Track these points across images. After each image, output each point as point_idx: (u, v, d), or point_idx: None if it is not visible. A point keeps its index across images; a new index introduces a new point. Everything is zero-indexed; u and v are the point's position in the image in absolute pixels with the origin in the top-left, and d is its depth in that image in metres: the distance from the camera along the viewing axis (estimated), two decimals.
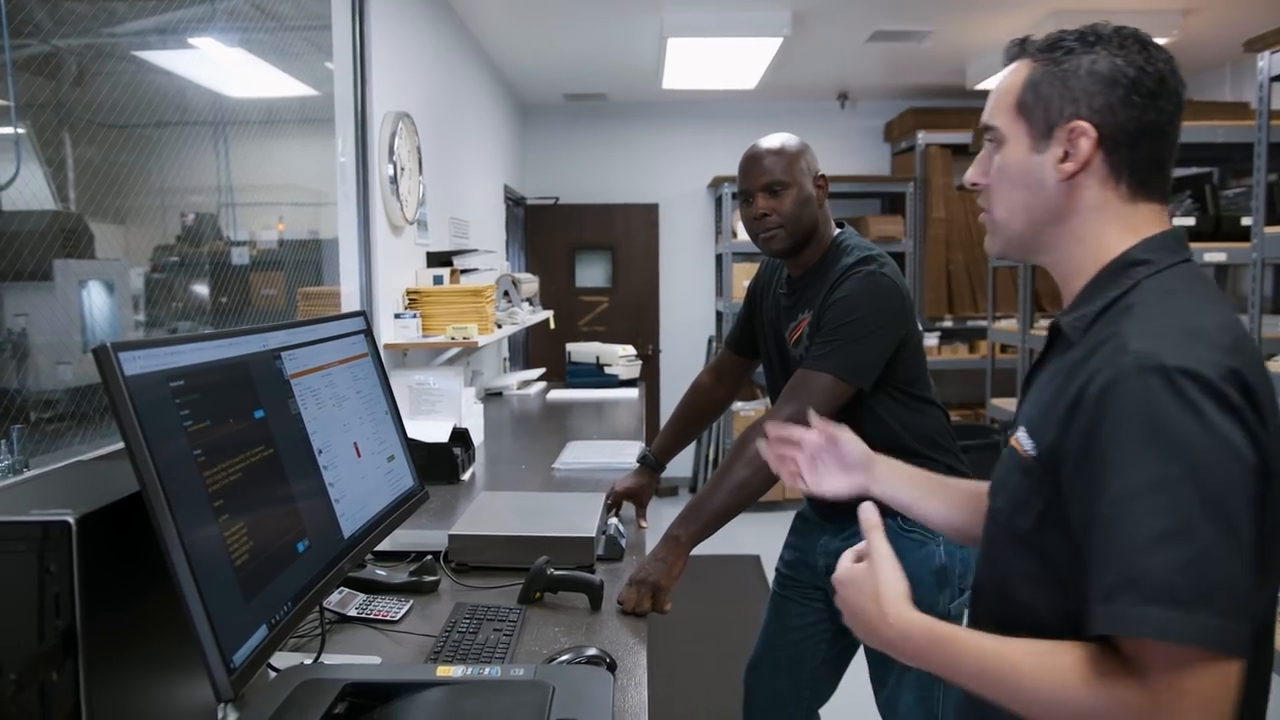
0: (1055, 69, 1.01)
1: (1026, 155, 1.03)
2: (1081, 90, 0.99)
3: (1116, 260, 1.01)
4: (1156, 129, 0.99)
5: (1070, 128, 1.00)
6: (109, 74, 2.29)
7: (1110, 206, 1.01)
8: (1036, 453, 0.96)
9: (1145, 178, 1.01)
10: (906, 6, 4.29)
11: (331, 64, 2.90)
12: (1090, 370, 0.90)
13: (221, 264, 2.86)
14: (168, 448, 0.94)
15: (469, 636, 1.48)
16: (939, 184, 6.03)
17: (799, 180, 1.95)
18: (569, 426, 3.62)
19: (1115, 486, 0.84)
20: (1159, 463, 0.82)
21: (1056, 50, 1.02)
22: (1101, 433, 0.86)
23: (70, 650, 0.86)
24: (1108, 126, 0.99)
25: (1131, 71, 0.98)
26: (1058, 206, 1.02)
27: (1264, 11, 4.18)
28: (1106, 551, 0.84)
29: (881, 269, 1.90)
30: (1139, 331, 0.89)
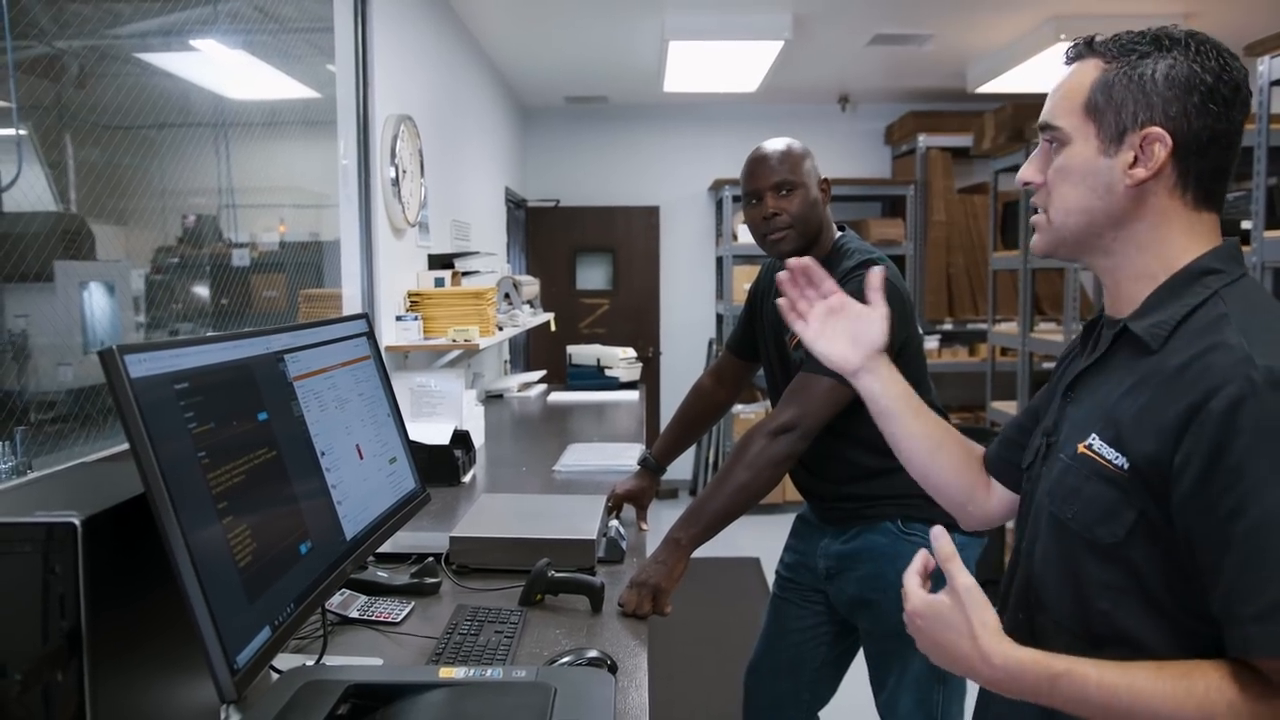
0: (1129, 71, 0.99)
1: (1094, 158, 1.02)
2: (1158, 95, 0.98)
3: (1189, 267, 1.00)
4: (1227, 138, 0.99)
5: (1145, 134, 0.98)
6: (111, 76, 2.30)
7: (1175, 214, 1.00)
8: (1128, 464, 0.94)
9: (1210, 186, 1.01)
10: (907, 10, 4.29)
11: (333, 66, 2.91)
12: (1206, 382, 0.89)
13: (222, 266, 2.86)
14: (172, 450, 0.94)
15: (470, 638, 1.48)
16: (939, 187, 6.04)
17: (806, 181, 1.97)
18: (569, 429, 3.62)
19: (1260, 505, 0.84)
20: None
21: (1131, 53, 1.00)
22: (1234, 449, 0.86)
23: (75, 651, 0.87)
24: (1182, 134, 0.97)
25: (1209, 78, 0.97)
26: (1121, 211, 1.01)
27: (1264, 15, 4.18)
28: (1255, 572, 0.84)
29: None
30: (1257, 344, 0.89)
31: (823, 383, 1.84)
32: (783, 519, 3.43)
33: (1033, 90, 4.87)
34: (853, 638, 2.14)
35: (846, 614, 2.06)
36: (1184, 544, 0.90)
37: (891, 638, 1.95)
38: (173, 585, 0.92)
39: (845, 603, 2.03)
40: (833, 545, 2.02)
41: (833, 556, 2.02)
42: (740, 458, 1.85)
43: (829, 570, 2.04)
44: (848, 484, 1.98)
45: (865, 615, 2.00)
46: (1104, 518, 0.96)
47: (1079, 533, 1.00)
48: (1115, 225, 1.02)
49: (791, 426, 1.84)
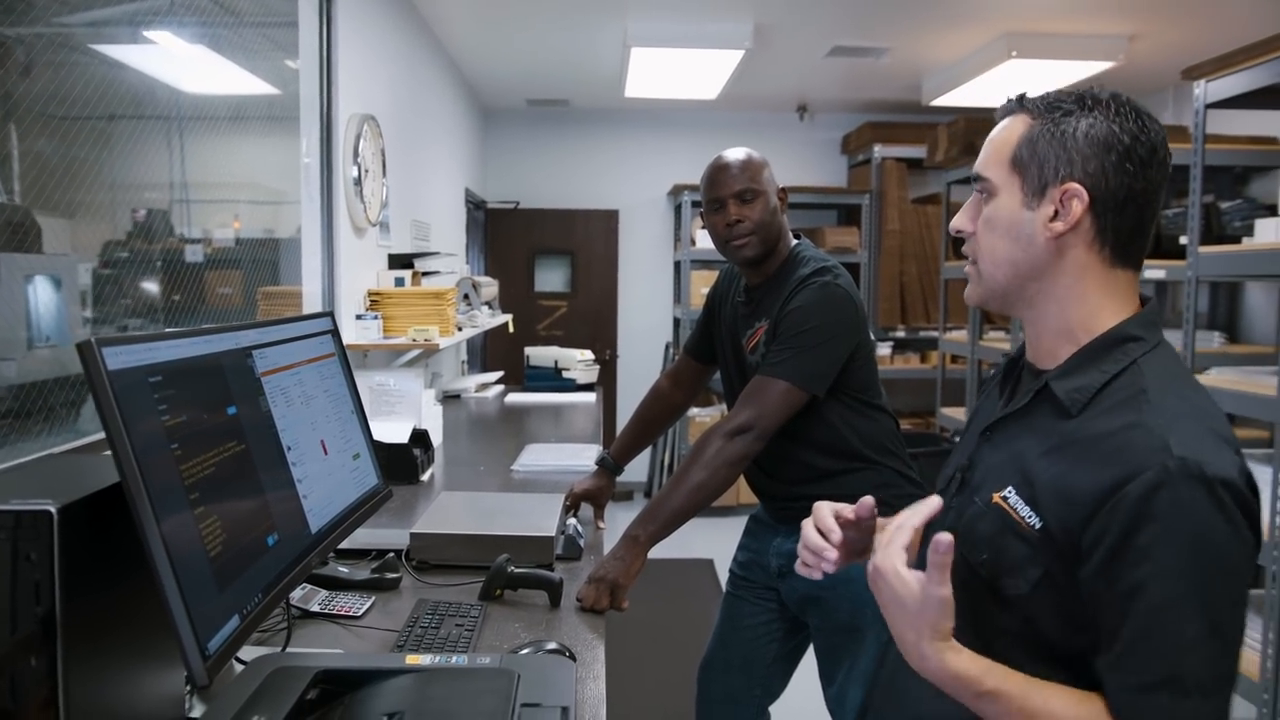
0: (1053, 129, 1.04)
1: (1018, 210, 1.06)
2: (1077, 152, 1.02)
3: (1110, 333, 1.04)
4: (1144, 197, 1.03)
5: (1064, 189, 1.02)
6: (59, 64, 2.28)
7: (1092, 270, 1.04)
8: (1040, 525, 0.99)
9: (1126, 244, 1.04)
10: (866, 23, 4.39)
11: (292, 62, 2.90)
12: (1124, 465, 0.93)
13: (175, 261, 2.84)
14: (146, 441, 0.96)
15: (431, 631, 1.51)
16: (894, 197, 6.16)
17: (767, 189, 2.02)
18: (527, 429, 3.65)
19: (1158, 591, 0.91)
20: (1200, 573, 0.90)
21: (1055, 110, 1.04)
22: (1145, 532, 0.91)
23: (49, 637, 0.89)
24: (1099, 190, 1.02)
25: (1126, 139, 1.01)
26: (1042, 264, 1.05)
27: (1206, 37, 4.34)
28: (1146, 648, 0.92)
29: (836, 279, 1.97)
30: (1175, 431, 0.94)
31: (778, 385, 1.89)
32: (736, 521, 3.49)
33: (985, 104, 5.00)
34: (803, 635, 2.20)
35: (797, 611, 2.12)
36: (1088, 606, 0.97)
37: (840, 632, 2.01)
38: (143, 574, 0.94)
39: (796, 600, 2.09)
40: (785, 544, 2.08)
41: (785, 555, 2.08)
42: (697, 458, 1.90)
43: (781, 568, 2.10)
44: (801, 485, 2.03)
45: (815, 611, 2.06)
46: (1012, 570, 1.01)
47: (986, 580, 1.04)
48: (1037, 277, 1.06)
49: (748, 428, 1.89)
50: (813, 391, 1.91)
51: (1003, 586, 1.02)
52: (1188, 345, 2.92)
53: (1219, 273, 2.98)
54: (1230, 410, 3.11)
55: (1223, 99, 2.81)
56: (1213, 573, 0.91)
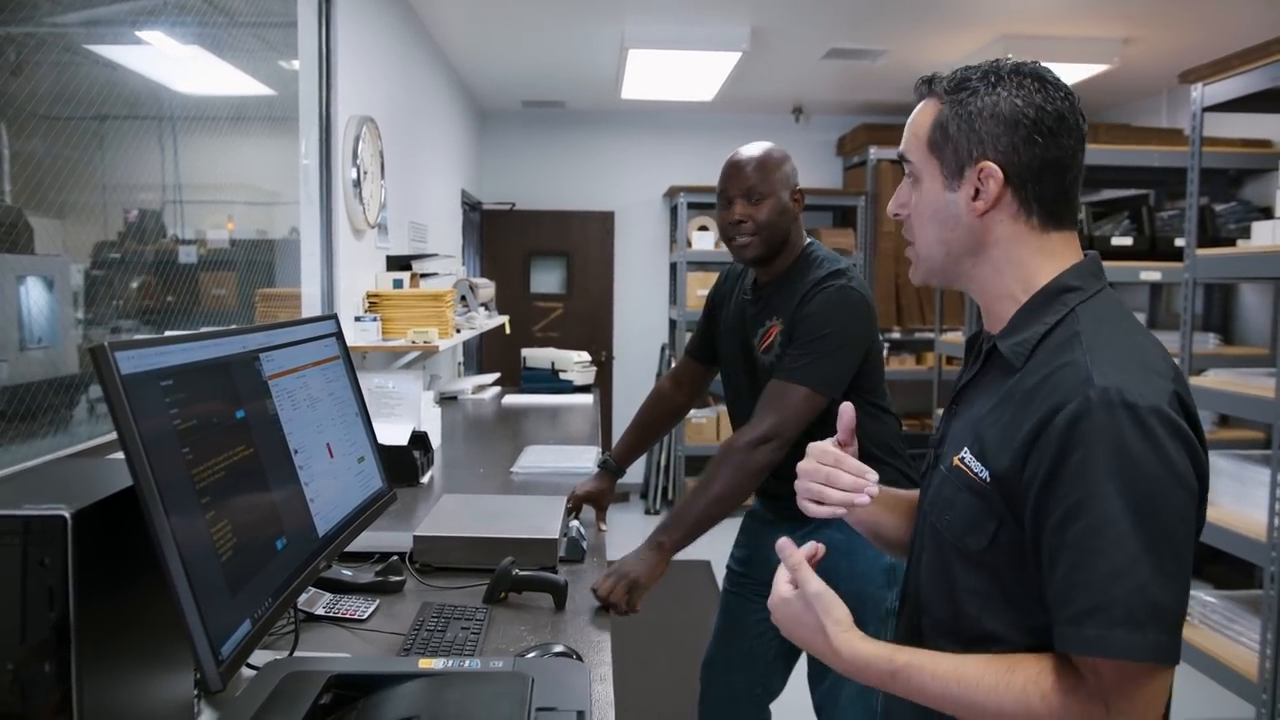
0: (961, 110, 1.06)
1: (940, 193, 1.08)
2: (987, 132, 1.04)
3: (1048, 287, 1.06)
4: (1059, 164, 1.05)
5: (979, 168, 1.05)
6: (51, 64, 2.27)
7: (1024, 238, 1.07)
8: (989, 476, 1.01)
9: (1053, 208, 1.06)
10: (862, 26, 4.40)
11: (286, 63, 2.89)
12: (1052, 400, 0.95)
13: (168, 263, 2.83)
14: (159, 445, 0.96)
15: (437, 634, 1.51)
16: (889, 198, 6.16)
17: (777, 191, 2.01)
18: (524, 431, 3.65)
19: (1085, 517, 0.91)
20: (1125, 495, 0.90)
21: (962, 91, 1.07)
22: (1071, 462, 0.92)
23: (63, 642, 0.88)
24: (1013, 166, 1.04)
25: (1031, 112, 1.03)
26: (974, 240, 1.08)
27: (1199, 40, 4.36)
28: (1075, 578, 0.91)
29: (850, 283, 1.98)
30: (1099, 363, 0.95)
31: (799, 391, 1.89)
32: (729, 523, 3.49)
33: None
34: None
35: None
36: (1032, 550, 0.98)
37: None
38: (153, 578, 0.94)
39: None
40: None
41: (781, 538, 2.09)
42: (720, 468, 1.91)
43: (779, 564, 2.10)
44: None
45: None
46: (972, 527, 1.03)
47: (951, 541, 1.07)
48: (972, 253, 1.09)
49: (770, 437, 1.88)
50: (831, 395, 1.91)
51: (965, 545, 1.04)
52: (1184, 347, 2.93)
53: (1215, 275, 2.99)
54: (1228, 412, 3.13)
55: (1220, 102, 2.82)
56: (1140, 498, 0.90)
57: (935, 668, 0.98)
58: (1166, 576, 0.90)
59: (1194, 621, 2.89)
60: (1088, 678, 0.92)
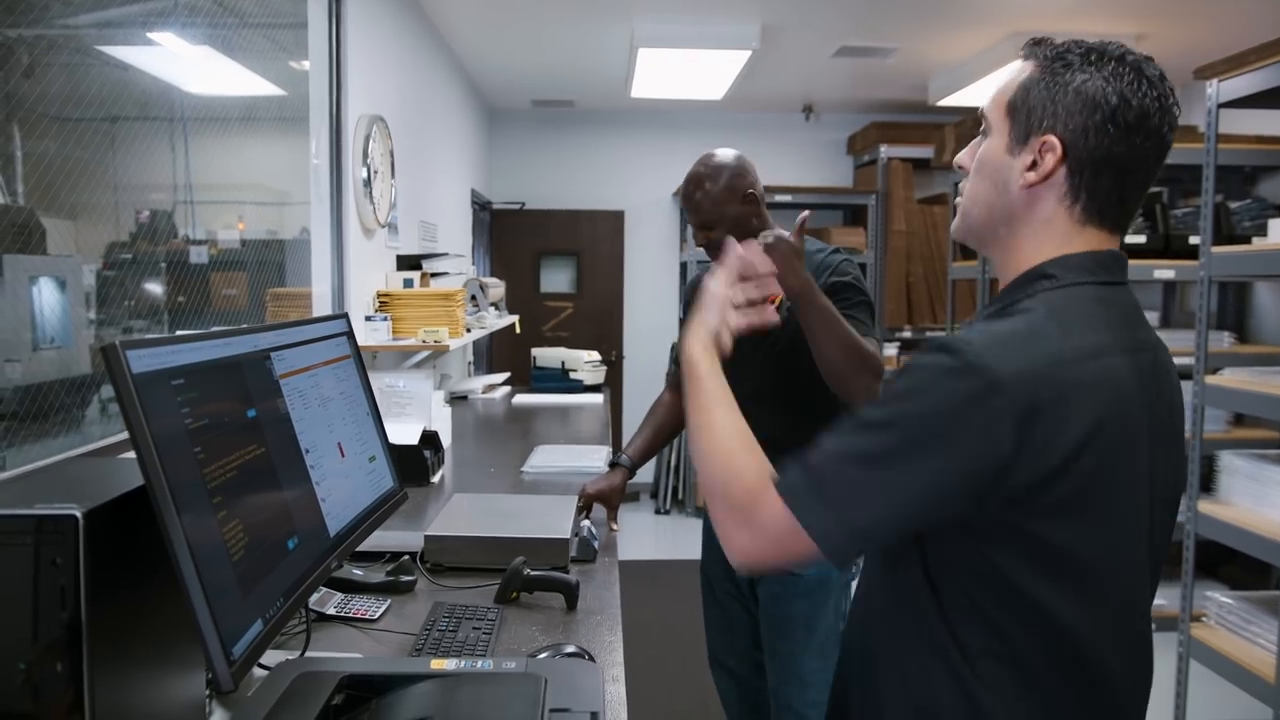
0: (1050, 79, 1.04)
1: (1002, 154, 1.07)
2: (1064, 106, 1.02)
3: (1029, 271, 1.05)
4: (1123, 162, 1.01)
5: (1043, 140, 1.03)
6: (62, 66, 2.28)
7: (1057, 224, 1.04)
8: None
9: (1102, 206, 1.03)
10: (873, 24, 4.38)
11: (295, 63, 2.89)
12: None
13: (179, 263, 2.84)
14: (171, 444, 0.96)
15: (449, 634, 1.50)
16: (900, 197, 6.15)
17: (724, 211, 2.10)
18: (534, 430, 3.64)
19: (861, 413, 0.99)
20: (890, 412, 0.97)
21: (1058, 61, 1.04)
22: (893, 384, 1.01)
23: (75, 642, 0.88)
24: (1076, 148, 1.01)
25: (1114, 99, 1.00)
26: (1014, 210, 1.06)
27: (1212, 37, 4.33)
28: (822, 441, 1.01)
29: (849, 257, 2.12)
30: (979, 329, 0.98)
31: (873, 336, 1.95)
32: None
33: None
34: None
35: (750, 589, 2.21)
36: None
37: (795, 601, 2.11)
38: (164, 578, 0.94)
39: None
40: None
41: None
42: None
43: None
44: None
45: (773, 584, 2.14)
46: None
47: None
48: (1006, 222, 1.08)
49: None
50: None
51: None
52: (1200, 345, 2.91)
53: (1231, 273, 2.97)
54: (1243, 411, 3.10)
55: (1235, 99, 2.79)
56: (892, 415, 0.96)
57: (710, 401, 1.12)
58: (873, 462, 0.95)
59: (1210, 623, 2.87)
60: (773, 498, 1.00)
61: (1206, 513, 2.80)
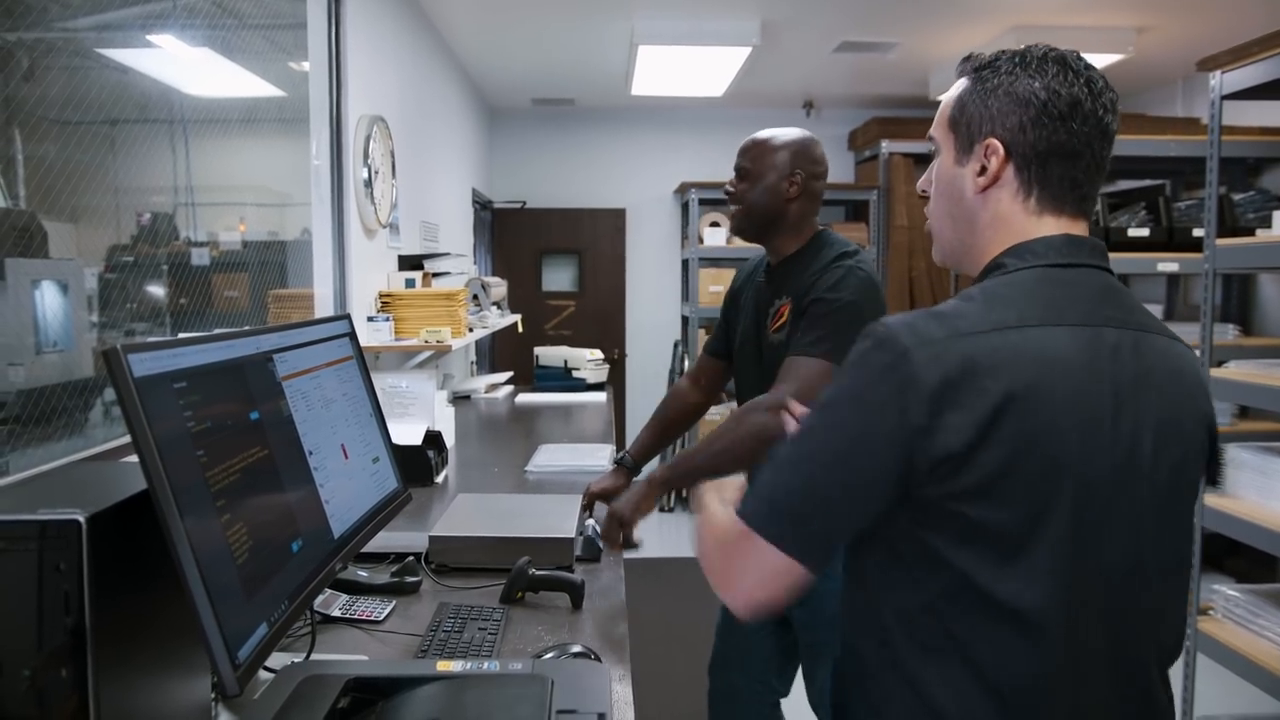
0: (981, 88, 1.08)
1: (952, 167, 1.11)
2: (998, 109, 1.06)
3: (990, 263, 1.07)
4: (1068, 150, 1.04)
5: (985, 144, 1.06)
6: (62, 69, 2.27)
7: (1015, 220, 1.07)
8: None
9: (1056, 194, 1.06)
10: (873, 19, 4.37)
11: (295, 64, 2.89)
12: None
13: (181, 265, 2.83)
14: (173, 448, 0.95)
15: (454, 635, 1.50)
16: (902, 192, 6.14)
17: (765, 172, 2.05)
18: (538, 430, 3.64)
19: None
20: (817, 411, 1.01)
21: (986, 70, 1.09)
22: None
23: (79, 647, 0.88)
24: (1018, 144, 1.05)
25: (1043, 94, 1.04)
26: (973, 216, 1.09)
27: (1213, 30, 4.32)
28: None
29: (860, 264, 2.01)
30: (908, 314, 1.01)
31: (817, 364, 1.89)
32: None
33: None
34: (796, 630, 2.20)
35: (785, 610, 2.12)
36: None
37: (825, 628, 2.01)
38: (169, 582, 0.93)
39: None
40: None
41: None
42: (732, 425, 1.93)
43: None
44: None
45: (798, 609, 2.06)
46: None
47: None
48: (970, 230, 1.10)
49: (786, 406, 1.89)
50: None
51: None
52: (1205, 338, 2.90)
53: (1236, 265, 2.95)
54: (1249, 403, 3.09)
55: (1239, 90, 2.78)
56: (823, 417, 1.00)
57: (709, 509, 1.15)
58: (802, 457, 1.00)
59: (1217, 615, 2.86)
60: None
61: (1213, 506, 2.79)
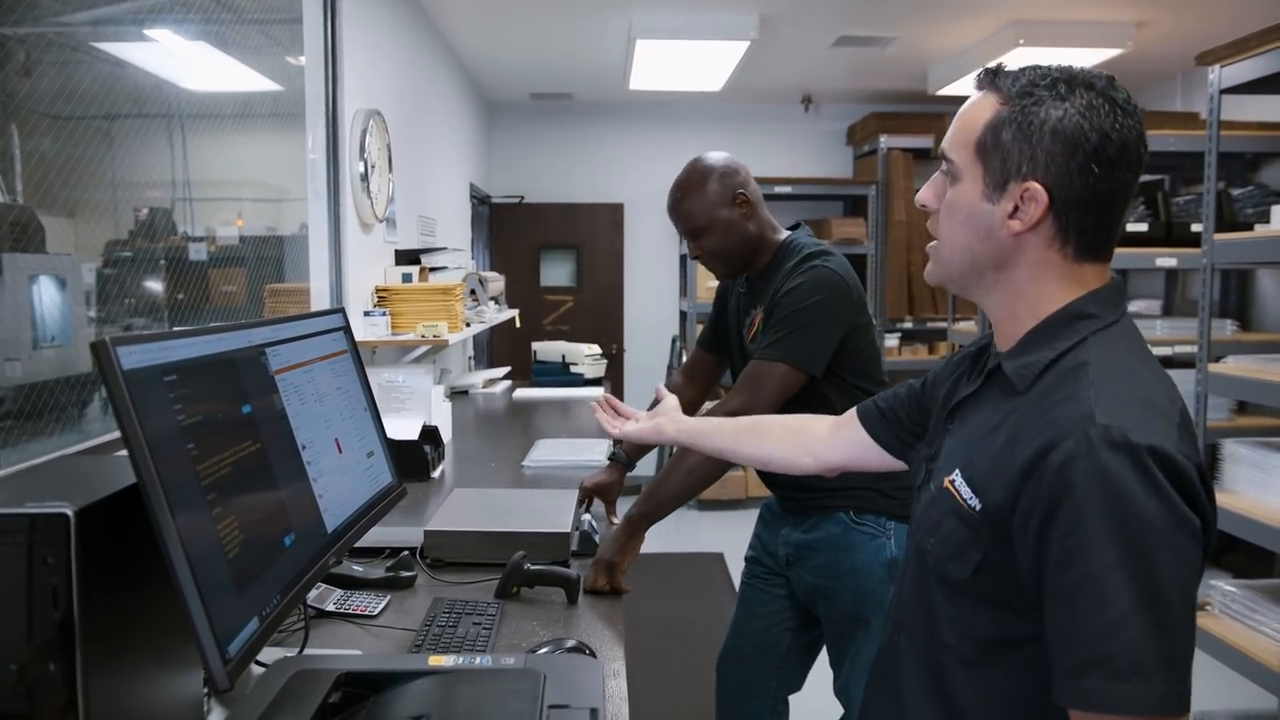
0: (1021, 118, 0.98)
1: (978, 201, 1.01)
2: (1042, 149, 0.96)
3: (1064, 310, 1.00)
4: (1110, 197, 0.98)
5: (1024, 188, 0.97)
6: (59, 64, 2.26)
7: (1054, 265, 1.00)
8: (981, 506, 0.96)
9: (1091, 242, 1.00)
10: (872, 13, 4.36)
11: (292, 58, 2.88)
12: (1049, 434, 0.90)
13: (178, 260, 2.82)
14: (164, 441, 0.95)
15: (449, 630, 1.50)
16: (900, 187, 6.13)
17: (713, 217, 2.03)
18: (535, 425, 3.63)
19: (1082, 564, 0.86)
20: (1124, 541, 0.85)
21: (1026, 97, 0.98)
22: (1065, 505, 0.87)
23: (68, 642, 0.87)
24: (1061, 191, 0.97)
25: (1095, 137, 0.95)
26: (1001, 256, 1.01)
27: (1212, 24, 4.31)
28: (1074, 628, 0.87)
29: (825, 263, 1.97)
30: (1102, 399, 0.90)
31: (776, 368, 1.90)
32: (745, 514, 3.45)
33: None
34: (819, 629, 2.19)
35: (807, 601, 2.11)
36: (1032, 590, 0.92)
37: (845, 622, 2.01)
38: (160, 576, 0.93)
39: (805, 590, 2.09)
40: (792, 534, 2.07)
41: (792, 544, 2.07)
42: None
43: (789, 557, 2.10)
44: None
45: (822, 602, 2.05)
46: (955, 554, 0.98)
47: (933, 566, 1.02)
48: (996, 268, 1.02)
49: (740, 411, 1.88)
50: (809, 371, 1.91)
51: (947, 571, 1.00)
52: (1203, 334, 2.89)
53: (1234, 260, 2.95)
54: (1247, 399, 3.09)
55: (1238, 84, 2.78)
56: (1140, 544, 0.84)
57: None
58: (1169, 627, 0.85)
59: (1214, 611, 2.86)
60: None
61: None
